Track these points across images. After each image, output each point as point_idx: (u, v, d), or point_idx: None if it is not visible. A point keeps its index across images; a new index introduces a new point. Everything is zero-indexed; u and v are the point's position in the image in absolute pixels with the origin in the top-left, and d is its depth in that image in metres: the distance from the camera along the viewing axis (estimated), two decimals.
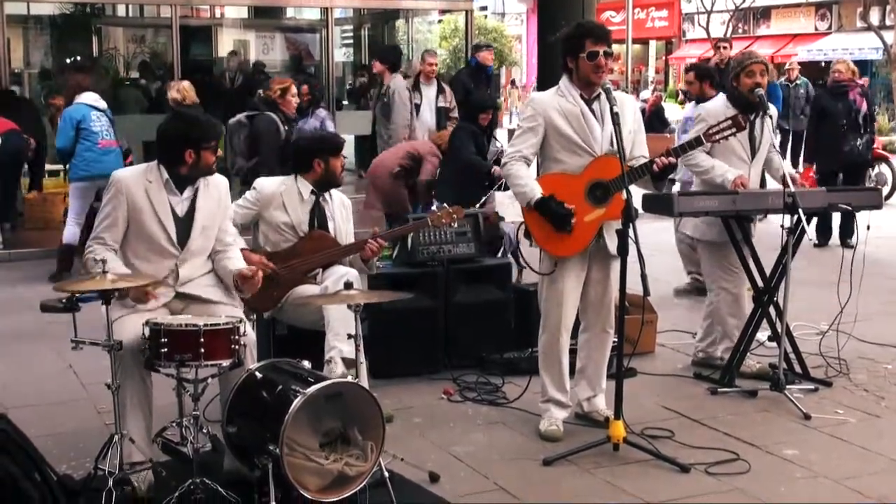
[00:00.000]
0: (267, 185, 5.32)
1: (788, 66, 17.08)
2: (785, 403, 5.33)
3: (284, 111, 7.87)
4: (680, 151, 4.91)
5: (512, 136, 5.56)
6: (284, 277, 5.10)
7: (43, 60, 14.88)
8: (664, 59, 36.57)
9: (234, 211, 4.95)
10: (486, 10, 34.74)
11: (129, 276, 4.19)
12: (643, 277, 4.34)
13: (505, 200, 7.86)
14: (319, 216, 5.29)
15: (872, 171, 12.12)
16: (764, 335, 6.04)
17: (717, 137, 5.00)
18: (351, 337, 4.25)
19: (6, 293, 8.41)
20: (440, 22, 22.10)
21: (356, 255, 5.25)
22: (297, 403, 3.71)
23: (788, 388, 5.40)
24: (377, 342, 5.72)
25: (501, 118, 21.32)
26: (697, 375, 5.92)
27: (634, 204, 4.49)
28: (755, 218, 5.90)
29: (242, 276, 4.39)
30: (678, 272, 8.11)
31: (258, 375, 4.03)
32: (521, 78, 34.69)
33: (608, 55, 4.76)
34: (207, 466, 3.99)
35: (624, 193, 4.47)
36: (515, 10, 37.03)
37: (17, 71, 13.77)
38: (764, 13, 32.58)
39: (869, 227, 5.82)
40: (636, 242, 4.38)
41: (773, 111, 5.82)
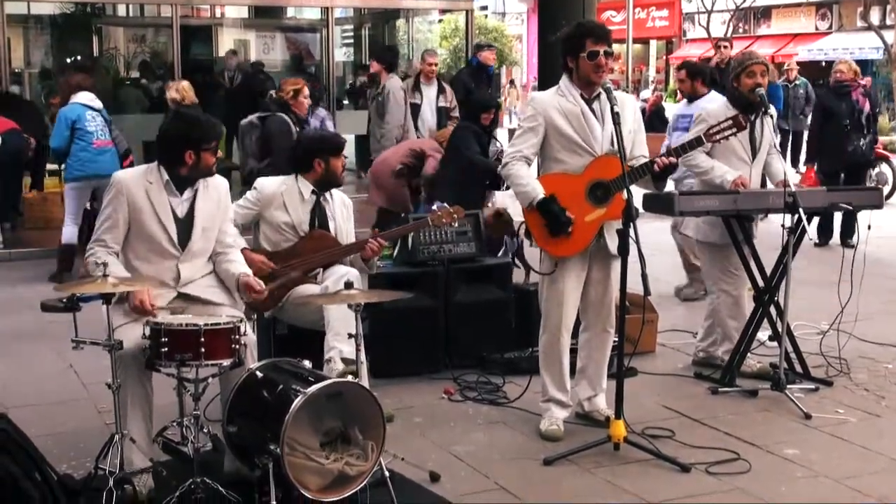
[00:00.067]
0: (267, 184, 5.32)
1: (787, 66, 17.09)
2: (785, 403, 5.33)
3: (296, 112, 7.88)
4: (681, 151, 4.91)
5: (512, 135, 5.55)
6: (285, 277, 5.10)
7: (43, 60, 14.88)
8: (665, 58, 36.57)
9: (234, 211, 4.95)
10: (486, 9, 34.74)
11: (130, 279, 4.19)
12: (644, 277, 4.34)
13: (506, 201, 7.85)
14: (320, 216, 5.29)
15: (873, 170, 12.11)
16: (764, 335, 6.04)
17: (717, 137, 4.99)
18: (351, 336, 4.25)
19: (6, 293, 8.41)
20: (440, 21, 22.09)
21: (356, 254, 5.25)
22: (297, 403, 3.71)
23: (789, 387, 5.40)
24: (378, 342, 5.72)
25: (501, 118, 21.30)
26: (698, 375, 5.92)
27: (635, 203, 4.49)
28: (756, 217, 5.90)
29: (250, 287, 4.39)
30: (679, 272, 8.11)
31: (259, 375, 4.03)
32: (521, 77, 34.66)
33: (608, 55, 4.76)
34: (208, 466, 3.99)
35: (624, 193, 4.47)
36: (516, 9, 37.02)
37: (17, 71, 13.77)
38: (764, 13, 32.60)
39: (870, 226, 5.82)
40: (637, 242, 4.37)
41: (772, 111, 5.82)
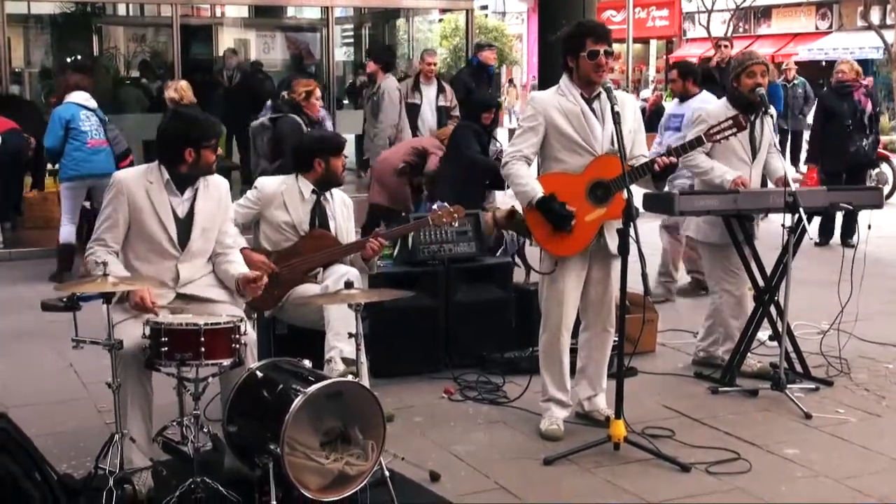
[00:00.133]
0: (268, 184, 5.32)
1: (786, 66, 17.08)
2: (786, 403, 5.32)
3: (308, 113, 7.91)
4: (681, 151, 4.91)
5: (511, 135, 5.55)
6: (285, 277, 5.10)
7: (43, 59, 14.86)
8: (665, 58, 36.53)
9: (235, 210, 4.95)
10: (486, 9, 34.73)
11: (129, 278, 4.19)
12: (644, 277, 4.35)
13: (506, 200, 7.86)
14: (320, 216, 5.29)
15: (873, 170, 12.11)
16: (765, 334, 6.04)
17: (717, 137, 4.99)
18: (352, 336, 4.25)
19: (6, 292, 8.41)
20: (441, 21, 22.08)
21: (357, 254, 5.25)
22: (297, 403, 3.71)
23: (789, 387, 5.40)
24: (378, 341, 5.72)
25: (502, 117, 21.31)
26: (698, 375, 5.92)
27: (635, 203, 4.49)
28: (757, 217, 5.90)
29: (246, 279, 4.39)
30: (678, 271, 8.10)
31: (259, 374, 4.03)
32: (521, 77, 34.66)
33: (609, 54, 4.76)
34: (208, 466, 3.99)
35: (625, 193, 4.46)
36: (516, 9, 37.00)
37: (17, 70, 13.75)
38: (764, 12, 32.58)
39: (870, 226, 5.82)
40: (637, 242, 4.37)
41: (772, 111, 5.82)
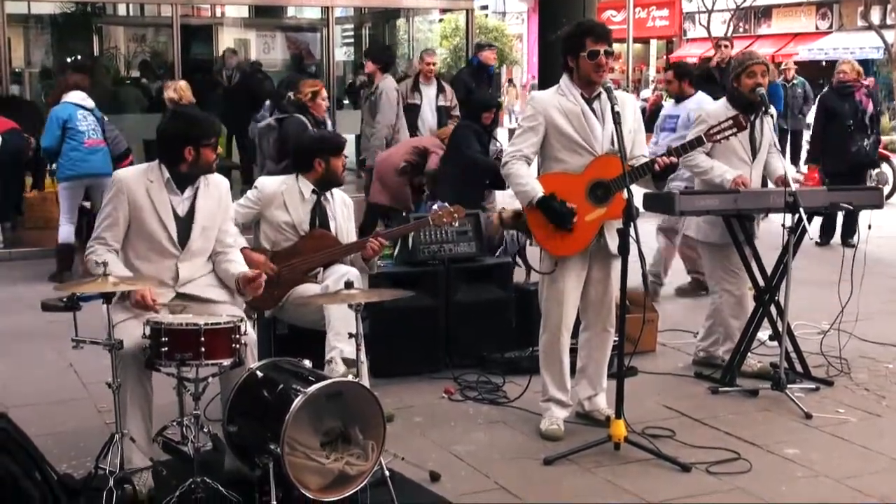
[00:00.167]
0: (268, 184, 5.32)
1: (784, 65, 17.08)
2: (786, 403, 5.32)
3: (314, 114, 7.92)
4: (681, 151, 4.90)
5: (511, 135, 5.56)
6: (285, 277, 5.10)
7: (44, 59, 14.86)
8: (665, 58, 36.53)
9: (235, 210, 4.95)
10: (486, 9, 34.72)
11: (130, 278, 4.19)
12: (644, 276, 4.35)
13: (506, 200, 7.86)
14: (321, 216, 5.29)
15: (873, 170, 12.11)
16: (765, 334, 6.04)
17: (718, 137, 4.99)
18: (352, 336, 4.24)
19: (6, 292, 8.41)
20: (441, 21, 22.07)
21: (357, 254, 5.25)
22: (297, 402, 3.71)
23: (789, 387, 5.40)
24: (378, 341, 5.72)
25: (502, 117, 21.30)
26: (698, 374, 5.92)
27: (635, 203, 4.49)
28: (757, 217, 5.90)
29: (246, 278, 4.39)
30: (679, 271, 8.10)
31: (259, 374, 4.03)
32: (521, 77, 34.65)
33: (609, 54, 4.76)
34: (208, 466, 3.99)
35: (625, 193, 4.46)
36: (516, 9, 36.98)
37: (17, 70, 13.75)
38: (765, 12, 32.56)
39: (870, 226, 5.82)
40: (637, 242, 4.38)
41: (773, 111, 5.82)
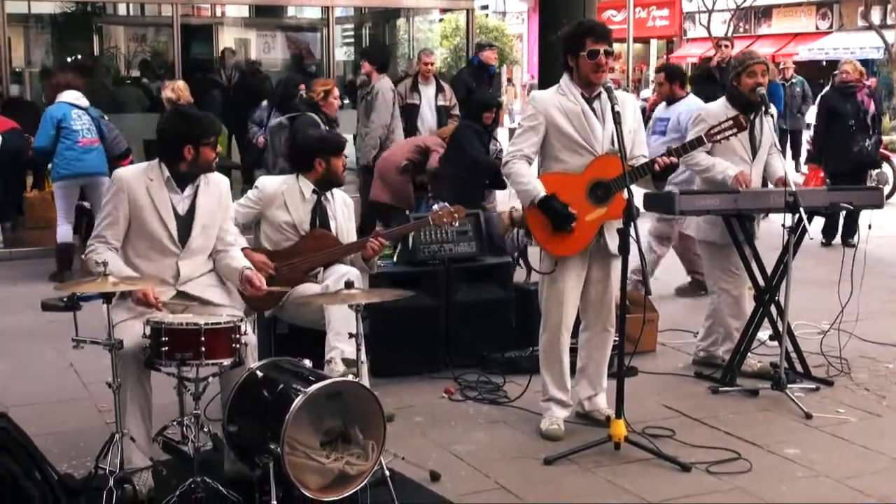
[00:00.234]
0: (269, 183, 5.32)
1: (783, 65, 17.07)
2: (786, 402, 5.32)
3: (326, 112, 7.92)
4: (681, 151, 4.90)
5: (512, 135, 5.56)
6: (286, 276, 5.10)
7: (44, 59, 14.85)
8: (665, 58, 36.52)
9: (235, 210, 4.95)
10: (487, 8, 34.73)
11: (130, 278, 4.19)
12: (644, 276, 4.35)
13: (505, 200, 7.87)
14: (321, 216, 5.29)
15: (874, 170, 12.11)
16: (765, 334, 6.04)
17: (718, 137, 4.99)
18: (352, 336, 4.25)
19: (7, 292, 8.41)
20: (441, 21, 22.07)
21: (357, 254, 5.25)
22: (298, 402, 3.71)
23: (790, 387, 5.40)
24: (378, 341, 5.72)
25: (502, 117, 21.30)
26: (698, 374, 5.92)
27: (636, 203, 4.49)
28: (757, 217, 5.89)
29: (251, 282, 4.39)
30: (679, 271, 8.11)
31: (259, 374, 4.03)
32: (521, 77, 34.65)
33: (609, 54, 4.76)
34: (208, 465, 3.99)
35: (625, 193, 4.46)
36: (516, 8, 36.98)
37: (18, 70, 13.75)
38: (765, 12, 32.56)
39: (870, 226, 5.82)
40: (637, 241, 4.38)
41: (773, 110, 5.81)
